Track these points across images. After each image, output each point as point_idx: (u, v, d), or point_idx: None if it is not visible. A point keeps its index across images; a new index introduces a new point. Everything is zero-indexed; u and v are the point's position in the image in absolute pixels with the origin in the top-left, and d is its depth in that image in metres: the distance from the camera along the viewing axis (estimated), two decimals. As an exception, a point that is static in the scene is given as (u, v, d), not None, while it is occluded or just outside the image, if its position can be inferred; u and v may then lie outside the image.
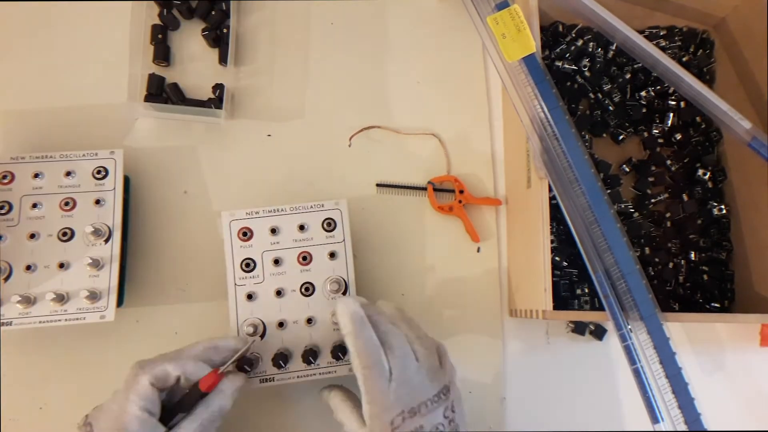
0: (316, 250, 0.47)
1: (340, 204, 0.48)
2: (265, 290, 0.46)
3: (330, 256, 0.47)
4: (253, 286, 0.46)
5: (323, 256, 0.47)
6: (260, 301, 0.46)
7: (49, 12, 0.55)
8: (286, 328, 0.46)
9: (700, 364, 0.55)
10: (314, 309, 0.46)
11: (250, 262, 0.46)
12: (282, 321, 0.46)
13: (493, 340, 0.53)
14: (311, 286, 0.46)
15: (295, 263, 0.47)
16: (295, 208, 0.48)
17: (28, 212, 0.47)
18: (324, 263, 0.47)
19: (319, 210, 0.48)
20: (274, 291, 0.46)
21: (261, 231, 0.47)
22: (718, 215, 0.56)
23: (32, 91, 0.54)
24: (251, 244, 0.46)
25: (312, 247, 0.47)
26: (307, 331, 0.46)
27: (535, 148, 0.45)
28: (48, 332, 0.48)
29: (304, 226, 0.47)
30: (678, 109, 0.57)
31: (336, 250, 0.47)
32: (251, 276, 0.46)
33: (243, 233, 0.46)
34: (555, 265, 0.53)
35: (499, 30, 0.45)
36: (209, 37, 0.54)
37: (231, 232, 0.46)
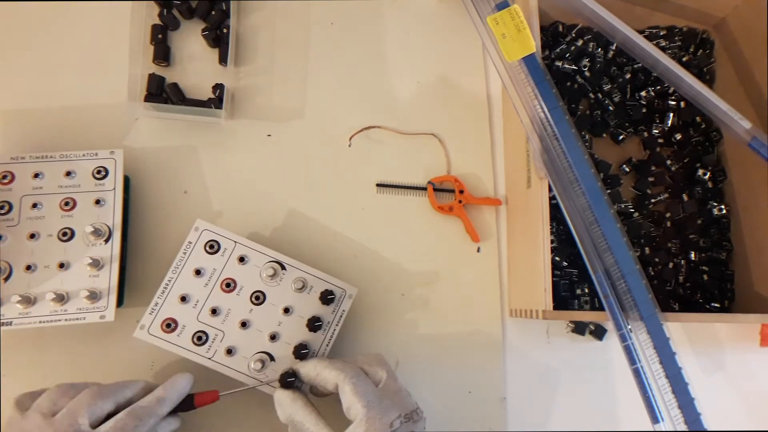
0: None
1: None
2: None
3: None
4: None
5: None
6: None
7: (49, 12, 0.55)
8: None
9: (700, 364, 0.55)
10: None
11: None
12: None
13: (493, 340, 0.53)
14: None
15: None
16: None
17: (28, 212, 0.47)
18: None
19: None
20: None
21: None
22: (718, 215, 0.56)
23: (32, 91, 0.54)
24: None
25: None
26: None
27: (535, 148, 0.46)
28: (48, 332, 0.48)
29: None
30: (678, 109, 0.57)
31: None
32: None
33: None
34: (555, 265, 0.53)
35: (499, 30, 0.45)
36: (209, 37, 0.55)
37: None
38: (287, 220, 0.54)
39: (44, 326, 0.45)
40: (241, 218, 0.53)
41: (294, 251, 0.53)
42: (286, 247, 0.53)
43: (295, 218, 0.54)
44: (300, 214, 0.54)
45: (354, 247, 0.54)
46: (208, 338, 0.45)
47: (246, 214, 0.53)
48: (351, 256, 0.54)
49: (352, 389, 0.40)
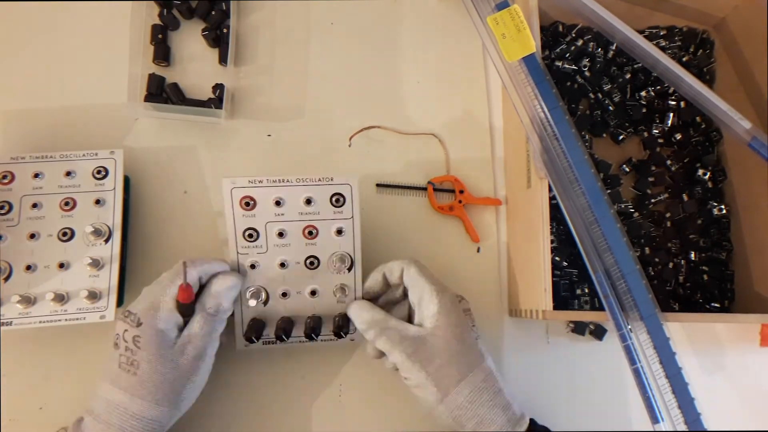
0: (323, 225, 0.46)
1: (350, 179, 0.46)
2: (268, 261, 0.46)
3: (337, 232, 0.46)
4: (256, 255, 0.46)
5: (330, 232, 0.46)
6: (263, 270, 0.46)
7: (49, 12, 0.55)
8: (289, 298, 0.46)
9: (700, 364, 0.55)
10: (318, 282, 0.46)
11: (252, 233, 0.45)
12: (285, 291, 0.46)
13: (493, 340, 0.53)
14: (316, 260, 0.46)
15: (300, 237, 0.46)
16: (302, 180, 0.46)
17: (28, 212, 0.47)
18: (330, 238, 0.46)
19: (328, 184, 0.46)
20: (277, 263, 0.46)
21: (265, 201, 0.45)
22: (718, 215, 0.56)
23: (32, 91, 0.54)
24: (254, 214, 0.45)
25: (318, 221, 0.46)
26: (311, 303, 0.46)
27: (535, 148, 0.46)
28: (48, 332, 0.48)
29: (310, 200, 0.46)
30: (678, 109, 0.57)
31: (343, 226, 0.46)
32: (254, 246, 0.46)
33: (246, 203, 0.45)
34: (555, 265, 0.53)
35: (499, 30, 0.45)
36: (209, 37, 0.55)
37: (233, 201, 0.45)
38: (287, 220, 0.54)
39: (44, 326, 0.45)
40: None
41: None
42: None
43: (295, 218, 0.54)
44: (300, 214, 0.54)
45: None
46: (254, 239, 0.45)
47: (246, 214, 0.53)
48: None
49: (417, 270, 0.45)
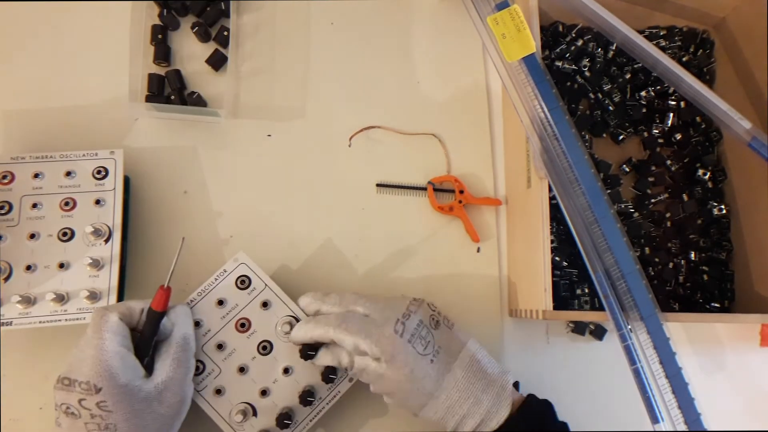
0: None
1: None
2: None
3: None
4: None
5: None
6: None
7: (49, 12, 0.55)
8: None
9: (700, 364, 0.55)
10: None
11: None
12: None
13: (493, 340, 0.53)
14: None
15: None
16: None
17: (28, 212, 0.47)
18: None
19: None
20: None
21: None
22: (718, 215, 0.56)
23: (32, 91, 0.54)
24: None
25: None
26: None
27: (535, 148, 0.45)
28: (48, 332, 0.48)
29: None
30: (678, 109, 0.57)
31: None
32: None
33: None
34: (555, 265, 0.53)
35: (499, 30, 0.45)
36: (199, 32, 0.54)
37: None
38: (287, 220, 0.54)
39: (44, 326, 0.45)
40: (241, 219, 0.53)
41: (294, 252, 0.53)
42: (286, 247, 0.53)
43: (295, 218, 0.54)
44: (300, 214, 0.54)
45: (354, 247, 0.54)
46: (204, 370, 0.45)
47: (245, 215, 0.53)
48: (351, 256, 0.54)
49: (346, 333, 0.42)
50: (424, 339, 0.43)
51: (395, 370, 0.41)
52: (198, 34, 0.55)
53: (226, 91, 0.54)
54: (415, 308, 0.44)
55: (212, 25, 0.56)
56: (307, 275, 0.53)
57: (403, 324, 0.43)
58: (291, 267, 0.52)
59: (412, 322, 0.43)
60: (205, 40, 0.55)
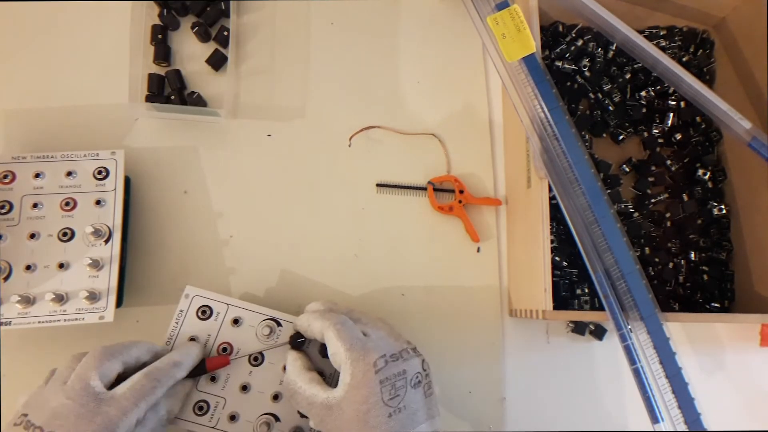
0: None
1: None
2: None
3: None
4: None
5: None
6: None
7: (50, 12, 0.55)
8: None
9: (700, 364, 0.55)
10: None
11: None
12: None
13: (493, 340, 0.53)
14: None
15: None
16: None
17: (29, 212, 0.47)
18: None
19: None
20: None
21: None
22: (718, 215, 0.56)
23: (33, 90, 0.54)
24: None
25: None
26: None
27: (535, 148, 0.46)
28: (48, 332, 0.48)
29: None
30: (678, 109, 0.57)
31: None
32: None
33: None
34: (555, 265, 0.53)
35: (499, 30, 0.45)
36: (199, 32, 0.54)
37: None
38: (287, 220, 0.54)
39: (43, 326, 0.45)
40: (241, 219, 0.53)
41: (294, 252, 0.53)
42: (286, 247, 0.53)
43: (295, 218, 0.54)
44: (300, 214, 0.54)
45: (354, 247, 0.54)
46: (209, 407, 0.44)
47: (245, 215, 0.53)
48: (351, 256, 0.54)
49: (335, 334, 0.40)
50: (396, 390, 0.39)
51: (352, 402, 0.38)
52: (198, 34, 0.55)
53: (226, 91, 0.54)
54: (407, 356, 0.41)
55: (212, 25, 0.56)
56: (307, 275, 0.53)
57: (385, 362, 0.39)
58: (291, 267, 0.53)
59: (395, 367, 0.40)
60: (205, 40, 0.55)
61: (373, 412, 0.38)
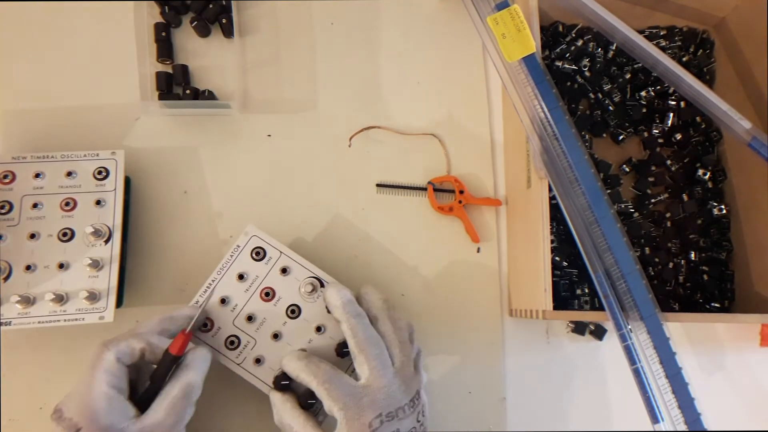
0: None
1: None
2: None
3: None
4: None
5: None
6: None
7: (50, 12, 0.55)
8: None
9: (700, 364, 0.55)
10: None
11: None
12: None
13: (493, 340, 0.53)
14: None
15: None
16: None
17: (29, 212, 0.47)
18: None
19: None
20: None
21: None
22: (718, 215, 0.56)
23: (33, 91, 0.54)
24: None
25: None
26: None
27: (535, 148, 0.46)
28: (48, 332, 0.48)
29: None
30: (678, 109, 0.57)
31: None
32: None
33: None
34: (555, 265, 0.53)
35: (499, 30, 0.45)
36: (198, 27, 0.54)
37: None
38: (287, 220, 0.54)
39: (43, 326, 0.45)
40: (241, 219, 0.53)
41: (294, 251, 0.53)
42: (286, 247, 0.53)
43: (294, 218, 0.54)
44: (300, 214, 0.54)
45: (354, 248, 0.54)
46: (240, 343, 0.45)
47: (245, 215, 0.53)
48: (351, 256, 0.54)
49: (326, 394, 0.39)
50: None
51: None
52: (197, 29, 0.55)
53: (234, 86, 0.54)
54: (404, 414, 0.40)
55: (213, 23, 0.56)
56: (307, 275, 0.53)
57: (381, 422, 0.39)
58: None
59: (390, 426, 0.39)
60: (205, 35, 0.55)
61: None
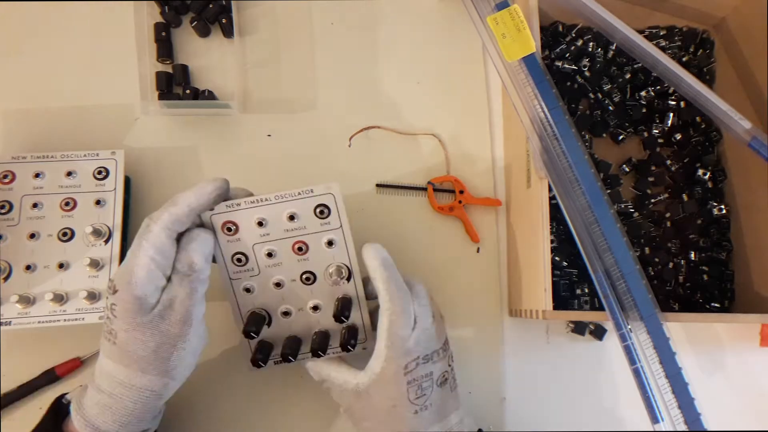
0: (312, 239, 0.44)
1: (332, 188, 0.43)
2: (262, 282, 0.44)
3: (327, 244, 0.44)
4: (249, 279, 0.44)
5: (320, 245, 0.44)
6: (259, 292, 0.44)
7: (50, 12, 0.55)
8: (292, 317, 0.45)
9: (700, 364, 0.55)
10: (318, 296, 0.45)
11: (241, 257, 0.44)
12: (286, 310, 0.45)
13: (493, 340, 0.53)
14: (312, 275, 0.44)
15: (291, 254, 0.44)
16: (281, 197, 0.43)
17: (29, 212, 0.47)
18: (322, 251, 0.44)
19: (309, 197, 0.43)
20: (272, 283, 0.44)
21: (247, 223, 0.43)
22: (718, 215, 0.56)
23: (33, 90, 0.54)
24: (238, 238, 0.43)
25: (306, 236, 0.44)
26: (315, 318, 0.45)
27: (535, 148, 0.46)
28: (48, 332, 0.48)
29: (294, 216, 0.43)
30: (678, 109, 0.57)
31: (333, 237, 0.44)
32: (246, 269, 0.44)
33: (227, 228, 0.43)
34: (555, 265, 0.53)
35: (499, 30, 0.45)
36: (198, 27, 0.55)
37: (215, 227, 0.43)
38: (287, 220, 0.54)
39: (43, 326, 0.45)
40: (241, 218, 0.53)
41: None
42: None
43: (295, 218, 0.54)
44: (300, 214, 0.54)
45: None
46: (245, 263, 0.43)
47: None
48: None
49: (387, 325, 0.40)
50: (422, 390, 0.41)
51: (379, 394, 0.40)
52: (197, 29, 0.55)
53: (234, 86, 0.54)
54: (438, 358, 0.42)
55: (213, 23, 0.56)
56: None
57: (417, 365, 0.40)
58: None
59: (425, 368, 0.41)
60: (205, 35, 0.56)
61: (399, 409, 0.40)
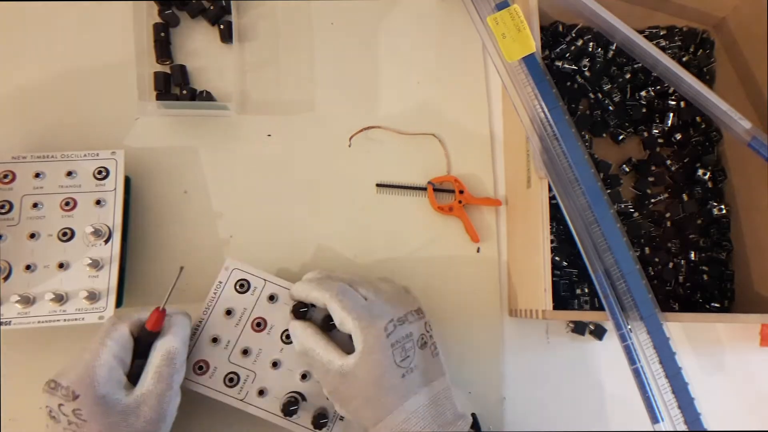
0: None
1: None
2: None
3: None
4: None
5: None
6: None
7: (50, 12, 0.55)
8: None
9: (700, 364, 0.55)
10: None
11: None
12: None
13: (493, 340, 0.53)
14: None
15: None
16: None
17: (29, 212, 0.47)
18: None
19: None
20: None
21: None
22: (718, 215, 0.56)
23: (34, 90, 0.54)
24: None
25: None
26: None
27: (535, 148, 0.46)
28: (48, 332, 0.48)
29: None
30: (678, 109, 0.57)
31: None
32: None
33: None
34: (555, 265, 0.53)
35: (499, 30, 0.45)
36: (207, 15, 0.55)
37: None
38: (287, 220, 0.54)
39: (43, 326, 0.45)
40: (241, 219, 0.53)
41: (293, 252, 0.53)
42: (286, 248, 0.53)
43: (295, 218, 0.54)
44: (299, 215, 0.54)
45: (354, 248, 0.54)
46: (239, 380, 0.45)
47: (245, 215, 0.53)
48: (351, 256, 0.54)
49: (339, 306, 0.41)
50: (406, 351, 0.41)
51: (366, 368, 0.40)
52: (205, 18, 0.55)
53: (232, 87, 0.54)
54: (413, 319, 0.43)
55: (214, 24, 0.56)
56: (307, 275, 0.53)
57: (394, 326, 0.41)
58: (290, 268, 0.53)
59: (403, 330, 0.41)
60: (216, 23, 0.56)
61: (387, 375, 0.40)
